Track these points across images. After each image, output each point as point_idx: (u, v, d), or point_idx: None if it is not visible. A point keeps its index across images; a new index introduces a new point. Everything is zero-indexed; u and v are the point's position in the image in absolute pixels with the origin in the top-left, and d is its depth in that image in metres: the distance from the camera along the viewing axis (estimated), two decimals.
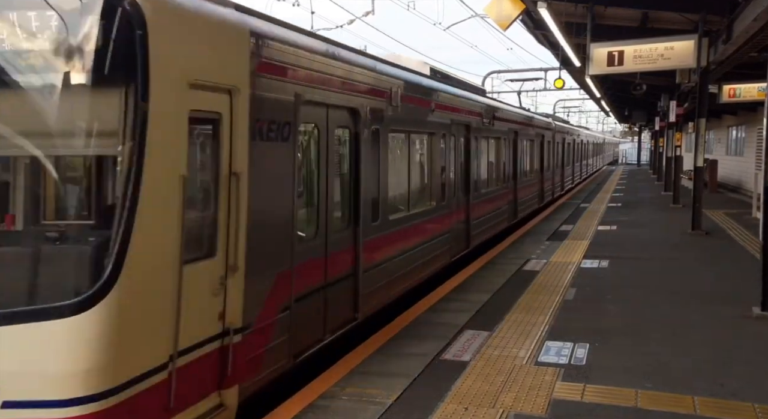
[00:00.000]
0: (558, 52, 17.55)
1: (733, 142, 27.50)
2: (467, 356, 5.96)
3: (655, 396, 4.98)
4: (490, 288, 8.77)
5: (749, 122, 23.50)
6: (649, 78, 18.14)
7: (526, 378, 5.38)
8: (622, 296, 8.28)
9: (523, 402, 4.89)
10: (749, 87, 18.18)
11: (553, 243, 12.75)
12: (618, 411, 4.71)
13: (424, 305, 7.87)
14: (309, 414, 4.72)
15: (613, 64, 12.85)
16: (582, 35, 13.40)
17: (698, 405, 4.81)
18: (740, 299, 7.92)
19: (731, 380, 5.31)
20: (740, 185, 25.16)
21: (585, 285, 8.89)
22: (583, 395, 5.01)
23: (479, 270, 10.13)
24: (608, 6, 12.71)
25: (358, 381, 5.37)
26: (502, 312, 7.49)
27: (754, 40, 10.83)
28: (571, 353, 6.00)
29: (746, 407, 4.77)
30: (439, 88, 9.57)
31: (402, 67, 8.23)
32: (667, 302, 7.96)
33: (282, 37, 5.09)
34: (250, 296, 4.55)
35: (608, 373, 5.48)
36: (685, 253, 11.48)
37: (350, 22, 16.81)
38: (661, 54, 12.62)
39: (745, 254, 11.27)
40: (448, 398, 4.99)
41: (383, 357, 5.96)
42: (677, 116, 19.70)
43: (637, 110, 33.75)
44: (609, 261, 10.66)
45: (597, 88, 23.29)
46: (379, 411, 4.75)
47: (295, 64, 5.19)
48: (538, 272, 9.82)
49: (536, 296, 8.30)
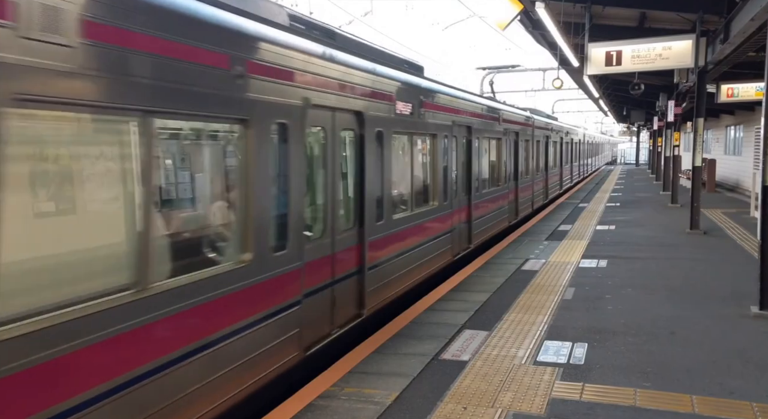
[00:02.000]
0: (556, 52, 17.57)
1: (731, 141, 27.54)
2: (466, 355, 5.97)
3: (653, 395, 5.00)
4: (489, 288, 8.78)
5: (747, 121, 23.54)
6: (647, 78, 18.15)
7: (524, 377, 5.39)
8: (620, 295, 8.29)
9: (522, 401, 4.90)
10: (747, 87, 18.21)
11: (551, 243, 12.77)
12: (616, 410, 4.72)
13: (423, 305, 7.88)
14: (308, 414, 4.73)
15: (612, 64, 12.87)
16: (580, 35, 13.42)
17: (697, 403, 4.82)
18: (738, 298, 7.94)
19: (730, 379, 5.33)
20: (738, 184, 25.20)
21: (584, 285, 8.91)
22: (581, 394, 5.02)
23: (478, 270, 10.14)
24: (606, 6, 12.71)
25: (357, 380, 5.38)
26: (500, 312, 7.50)
27: (752, 40, 10.83)
28: (569, 352, 6.02)
29: (745, 406, 4.78)
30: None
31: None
32: (666, 301, 7.97)
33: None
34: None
35: (607, 372, 5.49)
36: (683, 252, 11.49)
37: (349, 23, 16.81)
38: (659, 54, 12.64)
39: (744, 253, 11.29)
40: (447, 397, 4.99)
41: (382, 357, 5.97)
42: (675, 116, 19.71)
43: (636, 109, 33.76)
44: (607, 261, 10.68)
45: (595, 88, 23.30)
46: (378, 410, 4.76)
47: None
48: (537, 272, 9.83)
49: (535, 295, 8.31)
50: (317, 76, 5.75)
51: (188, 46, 4.12)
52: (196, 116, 4.29)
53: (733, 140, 27.13)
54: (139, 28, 3.72)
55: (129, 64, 3.65)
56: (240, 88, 4.63)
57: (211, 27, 4.39)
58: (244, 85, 4.66)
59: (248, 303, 4.80)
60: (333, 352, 6.22)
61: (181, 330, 4.12)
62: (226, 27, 4.55)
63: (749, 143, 22.87)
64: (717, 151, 29.90)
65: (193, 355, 4.19)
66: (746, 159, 23.23)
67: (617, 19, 13.97)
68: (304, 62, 5.54)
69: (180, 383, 4.10)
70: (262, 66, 4.91)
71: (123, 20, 3.60)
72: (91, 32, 3.38)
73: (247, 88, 4.70)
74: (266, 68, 4.96)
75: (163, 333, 3.95)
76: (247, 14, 4.92)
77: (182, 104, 4.08)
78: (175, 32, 4.01)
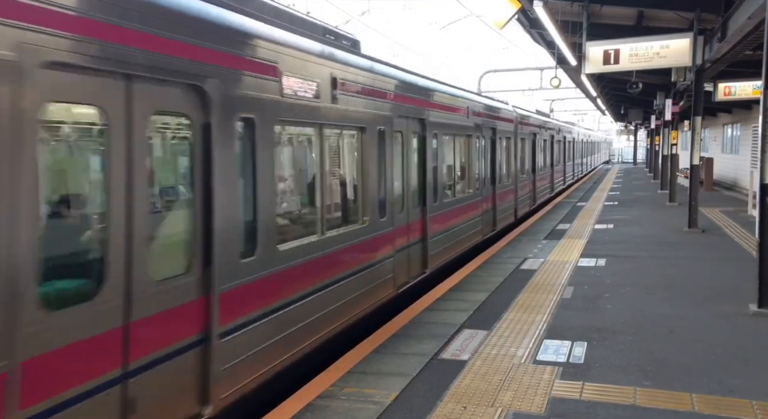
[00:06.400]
0: (554, 51, 17.58)
1: (728, 140, 27.59)
2: (466, 355, 5.96)
3: (653, 393, 4.99)
4: (488, 287, 8.78)
5: (744, 119, 23.58)
6: (645, 76, 18.18)
7: (524, 376, 5.39)
8: (619, 294, 8.29)
9: (522, 400, 4.89)
10: (744, 85, 18.25)
11: (550, 242, 12.77)
12: (616, 408, 4.72)
13: (422, 305, 7.87)
14: (308, 414, 4.72)
15: (609, 62, 12.89)
16: (578, 34, 13.43)
17: (696, 402, 4.82)
18: (737, 296, 7.95)
19: (729, 377, 5.33)
20: (736, 182, 25.24)
21: (582, 284, 8.91)
22: (581, 393, 5.01)
23: (477, 269, 10.14)
24: (604, 5, 12.74)
25: (356, 380, 5.37)
26: (500, 311, 7.50)
27: (749, 39, 10.85)
28: (569, 351, 6.01)
29: (744, 404, 4.78)
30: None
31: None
32: (665, 299, 7.98)
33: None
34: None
35: (606, 371, 5.49)
36: (681, 251, 11.50)
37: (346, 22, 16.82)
38: (656, 52, 12.66)
39: (742, 251, 11.30)
40: (447, 397, 4.99)
41: (381, 357, 5.97)
42: (673, 115, 19.73)
43: (633, 108, 33.80)
44: (606, 260, 10.68)
45: (593, 86, 23.32)
46: (378, 410, 4.75)
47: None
48: (536, 271, 9.83)
49: (534, 294, 8.31)
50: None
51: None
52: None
53: (730, 138, 27.18)
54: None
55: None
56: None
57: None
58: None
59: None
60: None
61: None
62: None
63: (746, 141, 22.92)
64: (714, 149, 29.95)
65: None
66: (744, 157, 23.28)
67: (615, 17, 13.99)
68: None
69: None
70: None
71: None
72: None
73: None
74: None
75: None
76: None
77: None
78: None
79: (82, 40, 3.41)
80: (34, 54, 3.13)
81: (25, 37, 3.10)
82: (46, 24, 3.21)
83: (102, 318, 3.60)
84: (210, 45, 4.41)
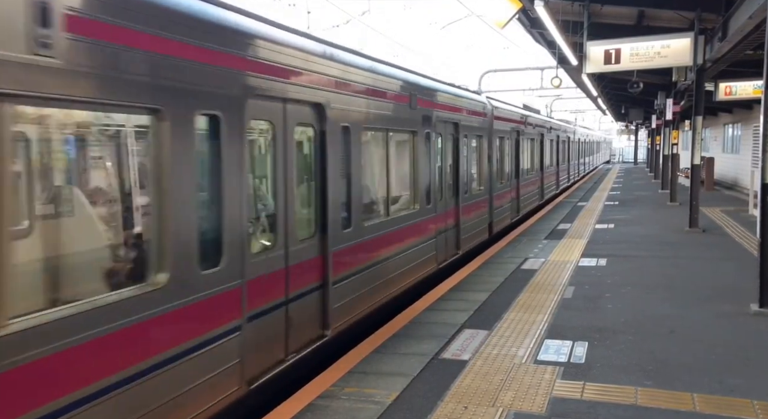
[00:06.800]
0: (555, 50, 17.56)
1: (729, 140, 27.57)
2: (466, 355, 5.96)
3: (654, 393, 4.99)
4: (489, 287, 8.78)
5: (745, 119, 23.57)
6: (645, 76, 18.16)
7: (525, 376, 5.39)
8: (620, 294, 8.29)
9: (523, 400, 4.89)
10: (745, 85, 18.23)
11: (550, 242, 12.77)
12: (617, 408, 4.72)
13: (423, 305, 7.87)
14: (308, 414, 4.72)
15: (610, 62, 12.89)
16: (578, 34, 13.42)
17: (697, 402, 4.82)
18: (738, 296, 7.94)
19: (730, 377, 5.32)
20: (736, 182, 25.23)
21: (583, 284, 8.90)
22: (582, 393, 5.01)
23: (477, 269, 10.14)
24: (604, 4, 12.73)
25: (357, 380, 5.37)
26: (500, 311, 7.49)
27: (750, 38, 10.84)
28: (570, 351, 6.01)
29: (745, 403, 4.78)
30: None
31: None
32: (665, 299, 7.97)
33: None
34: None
35: (607, 371, 5.49)
36: (682, 251, 11.50)
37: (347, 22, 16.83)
38: (657, 52, 12.65)
39: (743, 251, 11.29)
40: (448, 397, 4.99)
41: (382, 357, 5.96)
42: (673, 114, 19.70)
43: (634, 108, 33.78)
44: (607, 259, 10.68)
45: (594, 86, 23.30)
46: (378, 410, 4.75)
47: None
48: (537, 271, 9.83)
49: (535, 294, 8.30)
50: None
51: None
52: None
53: (731, 138, 27.16)
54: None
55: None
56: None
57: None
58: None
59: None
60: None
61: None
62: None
63: (747, 141, 22.91)
64: (715, 149, 29.94)
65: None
66: (744, 157, 23.26)
67: (616, 17, 13.98)
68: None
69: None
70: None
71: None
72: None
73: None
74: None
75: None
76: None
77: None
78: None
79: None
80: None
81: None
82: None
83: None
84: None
